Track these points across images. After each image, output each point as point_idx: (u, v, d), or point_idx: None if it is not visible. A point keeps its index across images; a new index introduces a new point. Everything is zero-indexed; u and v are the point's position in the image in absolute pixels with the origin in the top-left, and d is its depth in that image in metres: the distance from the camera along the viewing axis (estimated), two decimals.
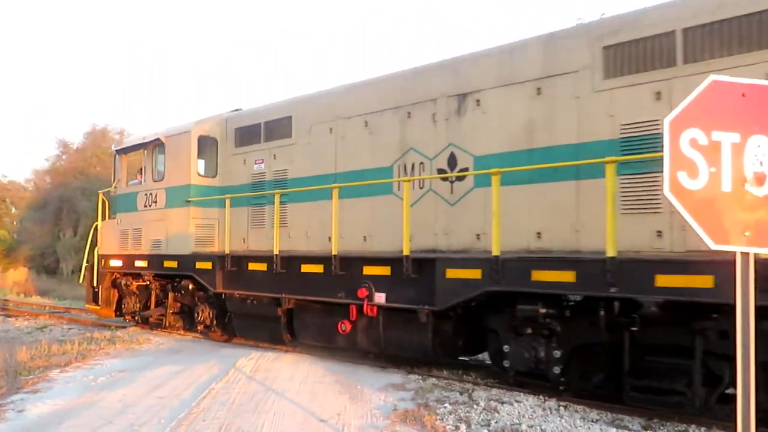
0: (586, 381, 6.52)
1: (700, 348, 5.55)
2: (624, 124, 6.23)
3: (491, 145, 7.25)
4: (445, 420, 5.73)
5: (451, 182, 7.59)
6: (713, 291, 5.19)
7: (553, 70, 6.78)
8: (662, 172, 5.86)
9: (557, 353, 6.47)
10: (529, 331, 6.64)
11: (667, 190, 3.15)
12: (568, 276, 6.08)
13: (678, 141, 3.13)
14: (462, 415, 5.87)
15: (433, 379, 7.43)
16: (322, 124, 9.20)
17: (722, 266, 5.21)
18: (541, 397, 6.47)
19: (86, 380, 7.66)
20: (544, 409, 6.06)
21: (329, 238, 8.57)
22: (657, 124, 6.00)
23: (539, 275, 6.30)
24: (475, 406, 6.13)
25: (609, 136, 6.33)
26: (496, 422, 5.66)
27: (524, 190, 6.87)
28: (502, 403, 6.23)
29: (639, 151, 6.06)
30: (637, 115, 6.14)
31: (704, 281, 5.25)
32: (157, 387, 7.17)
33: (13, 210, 42.33)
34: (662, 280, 5.48)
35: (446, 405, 6.20)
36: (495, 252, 6.58)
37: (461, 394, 6.73)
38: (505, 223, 6.79)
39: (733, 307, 5.22)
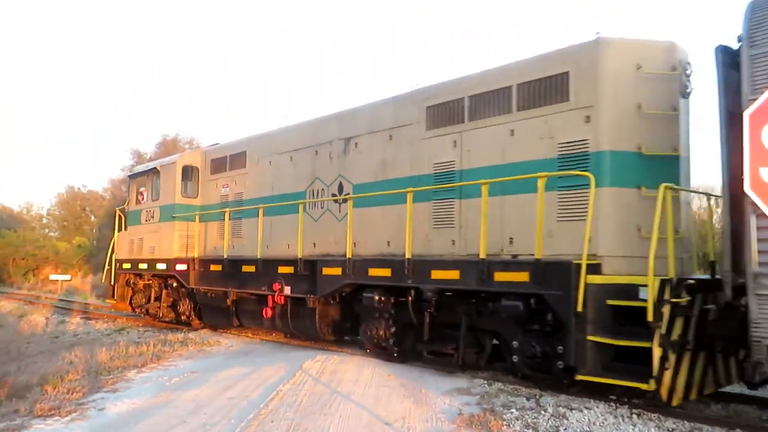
0: (413, 350, 8.86)
1: (465, 324, 7.84)
2: (436, 163, 8.61)
3: (363, 176, 9.74)
4: (512, 426, 5.62)
5: (339, 204, 10.10)
6: (458, 281, 7.53)
7: (398, 122, 9.24)
8: (455, 199, 8.26)
9: (392, 330, 8.85)
10: (377, 314, 9.04)
11: (747, 188, 3.40)
12: (386, 272, 8.51)
13: (759, 135, 2.91)
14: (529, 421, 5.74)
15: (499, 383, 7.31)
16: (265, 158, 11.91)
17: (463, 264, 7.57)
18: (612, 404, 6.30)
19: (161, 380, 7.93)
20: (615, 417, 5.87)
21: (267, 246, 11.26)
22: (453, 164, 8.37)
23: (372, 272, 8.75)
24: (542, 412, 5.98)
25: (428, 172, 8.71)
26: (565, 429, 5.52)
27: (380, 210, 9.30)
28: (571, 409, 6.05)
29: (444, 183, 8.43)
30: (443, 156, 8.52)
31: (454, 274, 7.59)
32: (227, 388, 7.35)
33: (93, 218, 46.60)
34: (434, 274, 7.85)
35: (513, 410, 6.08)
36: (348, 255, 9.07)
37: (528, 399, 6.57)
38: (369, 234, 9.31)
39: (478, 293, 7.59)
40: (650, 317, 5.83)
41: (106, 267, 16.31)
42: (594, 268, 6.59)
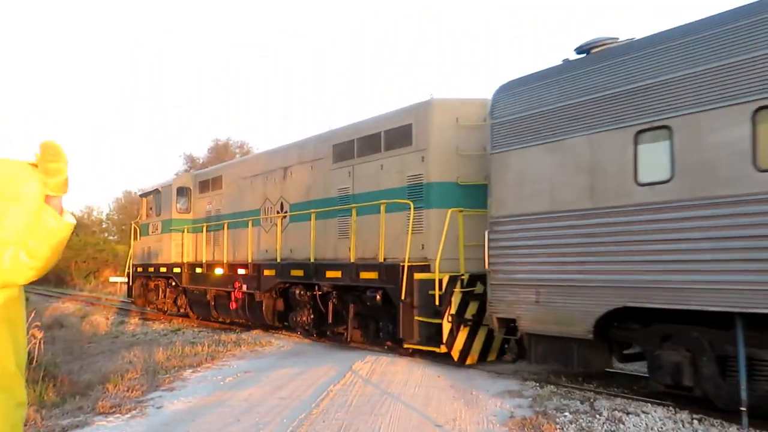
0: (325, 332, 11.56)
1: (351, 311, 10.50)
2: (339, 189, 11.29)
3: (296, 197, 12.50)
4: (565, 430, 5.52)
5: (281, 218, 12.89)
6: (339, 279, 10.21)
7: (317, 156, 11.95)
8: (348, 217, 10.91)
9: (311, 316, 11.59)
10: (301, 305, 11.79)
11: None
12: (300, 273, 11.26)
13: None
14: (584, 425, 5.60)
15: (552, 386, 7.28)
16: (235, 181, 14.83)
17: (342, 266, 10.25)
18: (671, 408, 6.14)
19: (216, 380, 8.10)
20: (675, 422, 5.69)
21: (234, 252, 14.19)
22: (348, 190, 11.02)
23: (293, 272, 11.52)
24: (597, 416, 5.83)
25: (335, 195, 11.39)
26: None
27: (306, 224, 12.03)
28: (628, 413, 5.89)
29: (343, 204, 11.09)
30: (342, 184, 11.19)
31: (338, 274, 10.28)
32: (279, 388, 7.42)
33: None
34: (328, 274, 10.55)
35: (566, 414, 5.95)
36: (278, 259, 11.87)
37: (582, 402, 6.44)
38: (300, 243, 12.06)
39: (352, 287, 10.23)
40: (437, 302, 8.38)
41: (126, 271, 19.65)
42: (424, 268, 9.15)
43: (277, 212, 13.01)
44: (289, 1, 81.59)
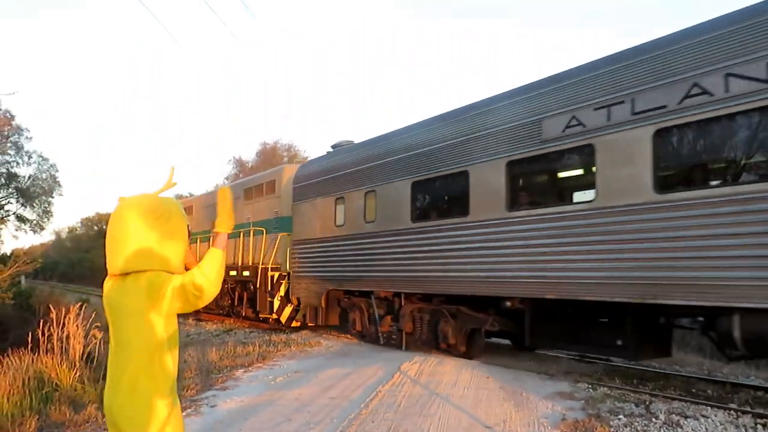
0: (231, 311, 17.66)
1: (245, 296, 16.59)
2: (246, 218, 17.38)
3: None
4: None
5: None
6: (235, 276, 16.36)
7: (236, 196, 18.01)
8: (247, 237, 17.23)
9: (229, 301, 17.74)
10: (223, 294, 17.96)
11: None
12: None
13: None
14: (639, 428, 5.54)
15: (605, 388, 7.27)
16: (200, 209, 21.23)
17: (236, 268, 16.41)
18: (732, 412, 6.03)
19: (267, 379, 8.18)
20: (737, 426, 5.56)
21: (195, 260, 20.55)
22: (249, 219, 17.12)
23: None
24: (653, 420, 5.73)
25: (246, 222, 17.47)
26: None
27: (228, 242, 18.19)
28: (686, 417, 5.76)
29: (246, 229, 17.18)
30: (248, 214, 17.27)
31: (234, 272, 16.42)
32: (328, 388, 7.52)
33: None
34: (230, 273, 16.69)
35: (620, 417, 5.87)
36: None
37: (637, 405, 6.37)
38: (229, 254, 18.30)
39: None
40: (269, 287, 14.37)
41: None
42: (278, 269, 15.12)
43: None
44: (289, 1, 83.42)
